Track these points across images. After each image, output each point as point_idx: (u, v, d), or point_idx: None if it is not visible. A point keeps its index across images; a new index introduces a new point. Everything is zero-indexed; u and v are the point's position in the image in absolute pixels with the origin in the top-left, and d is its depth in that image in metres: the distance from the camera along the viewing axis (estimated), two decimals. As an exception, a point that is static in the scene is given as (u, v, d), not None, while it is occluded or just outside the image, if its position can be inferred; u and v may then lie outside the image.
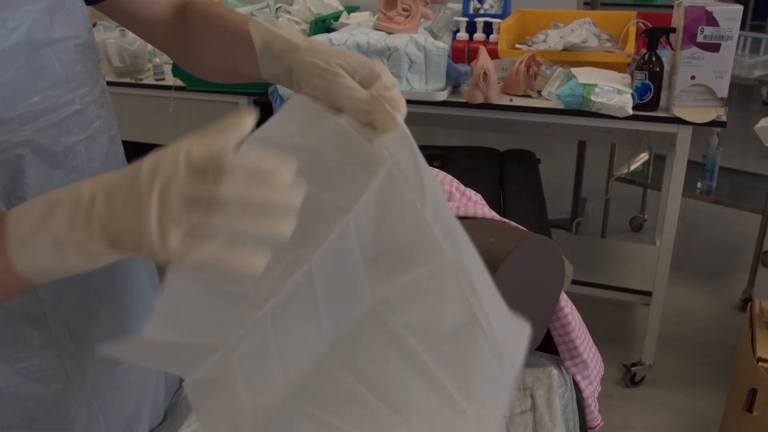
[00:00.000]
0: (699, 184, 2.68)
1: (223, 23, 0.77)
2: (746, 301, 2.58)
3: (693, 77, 1.79)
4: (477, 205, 1.04)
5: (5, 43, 0.63)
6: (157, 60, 2.39)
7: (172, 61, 2.27)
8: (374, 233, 0.61)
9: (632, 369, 2.21)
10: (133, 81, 2.38)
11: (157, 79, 2.38)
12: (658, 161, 2.90)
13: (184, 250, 0.46)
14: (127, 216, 0.48)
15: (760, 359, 1.62)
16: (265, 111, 2.70)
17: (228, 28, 0.76)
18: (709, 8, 1.72)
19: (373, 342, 0.61)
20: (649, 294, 2.15)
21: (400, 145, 0.60)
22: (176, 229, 0.46)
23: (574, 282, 2.28)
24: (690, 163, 1.90)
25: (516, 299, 0.88)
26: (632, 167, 2.96)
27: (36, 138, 0.69)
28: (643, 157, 2.99)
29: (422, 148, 0.59)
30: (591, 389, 1.04)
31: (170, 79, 2.34)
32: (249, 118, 0.49)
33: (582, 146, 2.89)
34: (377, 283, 0.61)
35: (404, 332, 0.61)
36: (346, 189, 0.60)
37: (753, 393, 1.64)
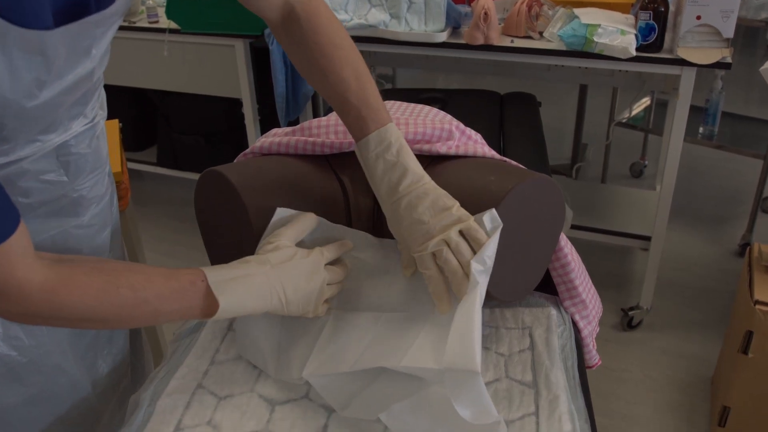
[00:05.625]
0: (701, 130, 2.65)
1: (317, 58, 0.87)
2: (745, 247, 2.59)
3: (698, 17, 1.75)
4: (477, 144, 1.02)
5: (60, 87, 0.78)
6: (151, 2, 2.33)
7: (166, 3, 2.23)
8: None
9: (630, 313, 2.23)
10: (126, 24, 2.33)
11: (150, 22, 2.33)
12: (660, 108, 2.87)
13: (323, 310, 0.89)
14: (305, 302, 0.84)
15: (757, 302, 1.63)
16: (262, 53, 2.66)
17: (319, 66, 0.87)
18: (717, -56, 1.67)
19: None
20: (648, 239, 2.15)
21: None
22: (325, 303, 0.88)
23: (573, 227, 2.28)
24: (692, 108, 1.88)
25: (516, 238, 0.87)
26: (634, 112, 2.93)
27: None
28: (645, 102, 2.95)
29: (422, 90, 0.59)
30: (590, 329, 1.04)
31: (164, 22, 2.29)
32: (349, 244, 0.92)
33: (583, 91, 2.85)
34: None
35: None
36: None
37: (749, 335, 1.65)
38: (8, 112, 0.71)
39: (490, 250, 0.79)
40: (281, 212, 0.90)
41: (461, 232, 0.80)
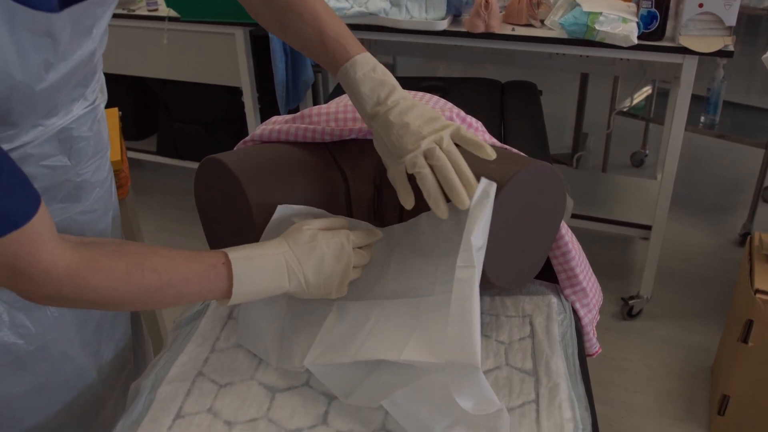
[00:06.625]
0: (702, 119, 2.64)
1: (301, 27, 0.89)
2: (745, 236, 2.59)
3: (701, 5, 1.74)
4: (477, 131, 1.02)
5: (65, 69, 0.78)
6: (150, -11, 2.32)
7: (164, -10, 2.22)
8: None
9: (630, 302, 2.23)
10: (125, 12, 2.32)
11: (150, 10, 2.31)
12: (661, 97, 2.86)
13: (345, 291, 0.88)
14: (327, 284, 0.85)
15: (757, 291, 1.63)
16: (261, 42, 2.65)
17: (293, 8, 0.89)
18: (719, -69, 1.66)
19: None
20: (648, 228, 2.15)
21: None
22: (347, 286, 0.88)
23: (574, 216, 2.27)
24: (693, 97, 1.87)
25: (517, 226, 0.87)
26: (635, 101, 2.92)
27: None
28: (646, 91, 2.94)
29: (422, 79, 0.59)
30: (590, 317, 1.04)
31: (164, 10, 2.28)
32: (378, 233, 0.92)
33: (584, 80, 2.84)
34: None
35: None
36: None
37: (749, 324, 1.65)
38: (17, 96, 0.71)
39: (483, 222, 0.79)
40: (283, 209, 0.89)
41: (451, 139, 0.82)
